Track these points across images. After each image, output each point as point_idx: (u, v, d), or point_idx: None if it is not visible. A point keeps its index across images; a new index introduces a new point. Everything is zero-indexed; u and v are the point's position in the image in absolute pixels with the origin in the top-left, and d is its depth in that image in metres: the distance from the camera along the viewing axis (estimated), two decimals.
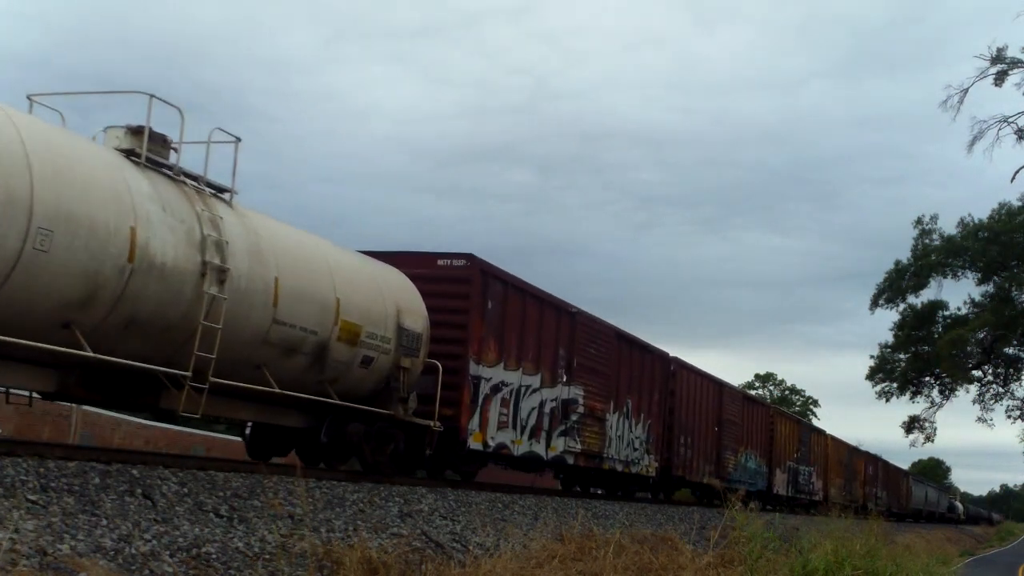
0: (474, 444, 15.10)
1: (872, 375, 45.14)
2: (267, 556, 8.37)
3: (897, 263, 41.29)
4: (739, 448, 29.60)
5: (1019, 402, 42.99)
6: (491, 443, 15.55)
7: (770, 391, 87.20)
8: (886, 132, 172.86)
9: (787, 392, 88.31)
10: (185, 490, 8.96)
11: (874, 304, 42.49)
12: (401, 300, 13.41)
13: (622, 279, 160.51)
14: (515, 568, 9.73)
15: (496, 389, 15.72)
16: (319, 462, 13.14)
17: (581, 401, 18.89)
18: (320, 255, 12.02)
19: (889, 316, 44.00)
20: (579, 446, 18.81)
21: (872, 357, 45.28)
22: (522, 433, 16.64)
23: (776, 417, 34.89)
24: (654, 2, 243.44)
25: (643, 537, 14.45)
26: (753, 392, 63.33)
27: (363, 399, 12.82)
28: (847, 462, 46.69)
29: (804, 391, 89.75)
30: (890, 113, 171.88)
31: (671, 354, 24.91)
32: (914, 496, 69.43)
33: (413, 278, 14.09)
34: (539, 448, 17.29)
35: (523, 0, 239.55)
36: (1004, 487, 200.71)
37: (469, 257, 15.18)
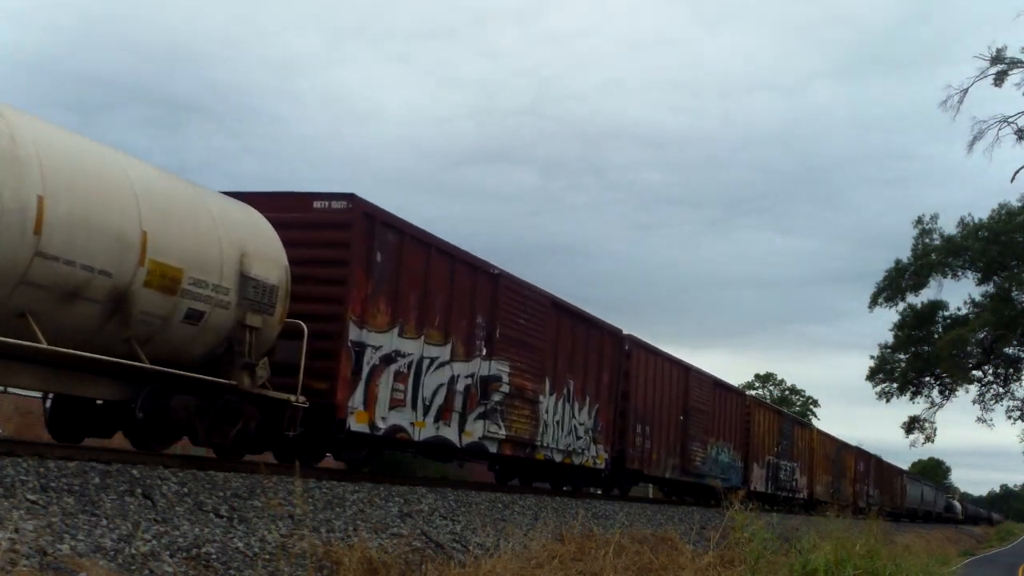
0: (357, 425, 12.50)
1: (872, 375, 45.10)
2: (267, 556, 8.37)
3: (897, 262, 41.27)
4: (709, 440, 26.81)
5: (1019, 402, 42.95)
6: (381, 424, 12.95)
7: (770, 391, 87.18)
8: (891, 133, 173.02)
9: (787, 392, 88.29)
10: (185, 490, 8.96)
11: (873, 303, 42.44)
12: (248, 242, 10.72)
13: (625, 280, 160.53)
14: (515, 568, 9.73)
15: (388, 360, 13.10)
16: (143, 442, 10.99)
17: (506, 379, 16.19)
18: (120, 175, 9.34)
19: (889, 316, 44.04)
20: (504, 431, 16.14)
21: (872, 357, 45.27)
22: (425, 414, 13.99)
23: (753, 407, 32.00)
24: (659, 4, 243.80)
25: (643, 537, 14.45)
26: (753, 392, 62.98)
27: (195, 365, 10.31)
28: (835, 458, 44.23)
29: (804, 391, 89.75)
30: (895, 114, 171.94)
31: (626, 331, 21.87)
32: (909, 495, 67.07)
33: (286, 224, 11.81)
34: (449, 432, 14.66)
35: (528, 1, 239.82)
36: (1004, 487, 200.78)
37: (350, 198, 12.54)
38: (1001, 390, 43.16)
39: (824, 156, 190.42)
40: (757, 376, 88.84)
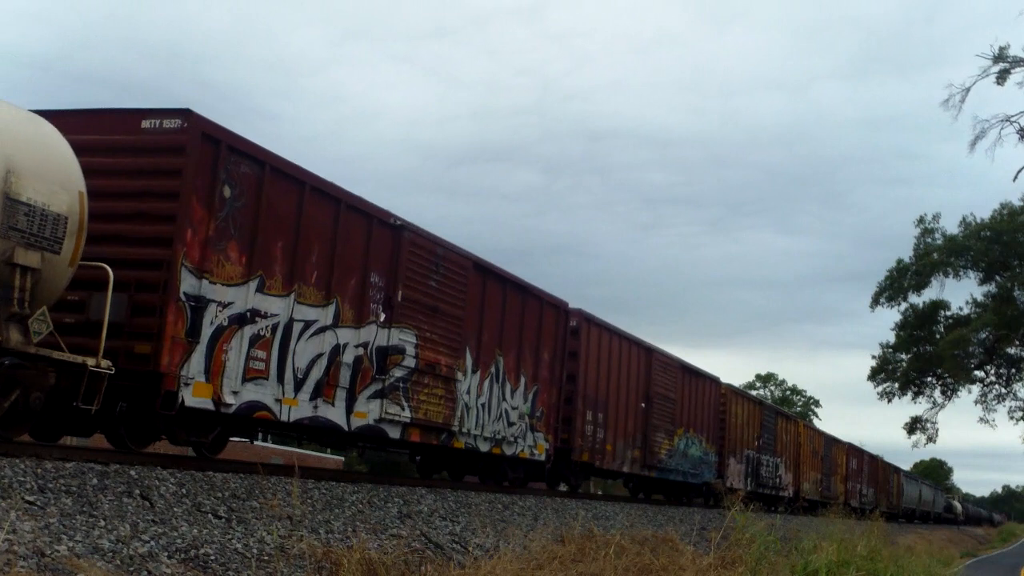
0: (196, 400, 10.06)
1: (874, 375, 45.06)
2: (265, 557, 8.35)
3: (899, 262, 41.23)
4: (676, 430, 24.20)
5: (1022, 402, 42.90)
6: (231, 400, 10.52)
7: (771, 391, 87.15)
8: (896, 133, 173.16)
9: (788, 392, 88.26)
10: (183, 491, 8.93)
11: (874, 302, 42.42)
12: (17, 157, 8.37)
13: (628, 280, 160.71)
14: (515, 569, 9.70)
15: (242, 320, 10.68)
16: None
17: (411, 351, 13.66)
18: None
19: (891, 316, 44.03)
20: (409, 413, 13.64)
21: (874, 357, 45.23)
22: (298, 390, 11.53)
23: (730, 396, 29.19)
24: (663, 3, 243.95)
25: (643, 538, 14.41)
26: (754, 392, 62.71)
27: None
28: (824, 454, 41.59)
29: (805, 391, 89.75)
30: (900, 114, 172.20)
31: (573, 306, 19.08)
32: (906, 494, 64.55)
33: (109, 148, 10.06)
34: (333, 413, 12.19)
35: (532, 1, 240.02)
36: (1006, 488, 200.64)
37: (185, 114, 10.10)
38: (1003, 390, 43.14)
39: (828, 156, 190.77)
40: (758, 376, 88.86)
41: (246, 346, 10.78)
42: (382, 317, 13.10)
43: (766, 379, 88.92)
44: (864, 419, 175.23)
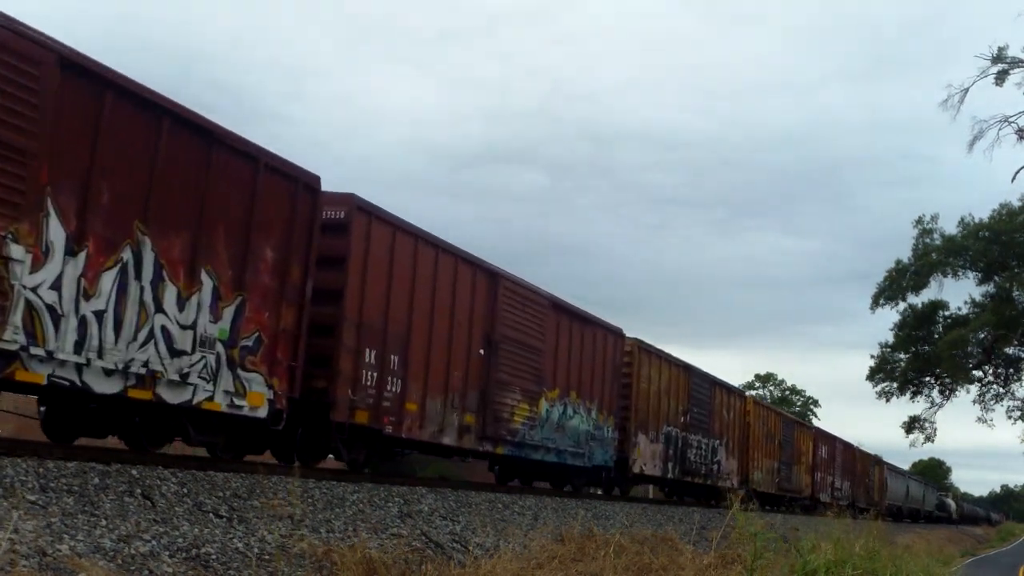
0: None
1: (872, 375, 45.08)
2: (266, 557, 8.37)
3: (898, 262, 41.28)
4: (545, 392, 17.88)
5: (1020, 402, 42.93)
6: None
7: (770, 391, 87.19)
8: (901, 135, 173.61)
9: (787, 392, 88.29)
10: (185, 490, 8.96)
11: (875, 303, 42.44)
12: None
13: (632, 281, 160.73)
14: (515, 569, 9.73)
15: None
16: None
17: None
18: None
19: (891, 316, 44.02)
20: None
21: (873, 357, 45.27)
22: None
23: (639, 354, 22.19)
24: (671, 5, 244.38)
25: (643, 538, 14.45)
26: (752, 393, 62.32)
27: None
28: (783, 438, 34.83)
29: (804, 391, 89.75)
30: (906, 116, 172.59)
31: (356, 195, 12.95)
32: (891, 490, 58.06)
33: None
34: None
35: (540, 3, 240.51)
36: (1005, 487, 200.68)
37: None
38: (1001, 390, 43.18)
39: (834, 157, 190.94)
40: (757, 376, 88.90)
41: None
42: None
43: (765, 379, 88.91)
44: (863, 419, 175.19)
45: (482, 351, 15.86)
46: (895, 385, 44.27)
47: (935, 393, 44.35)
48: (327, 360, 12.38)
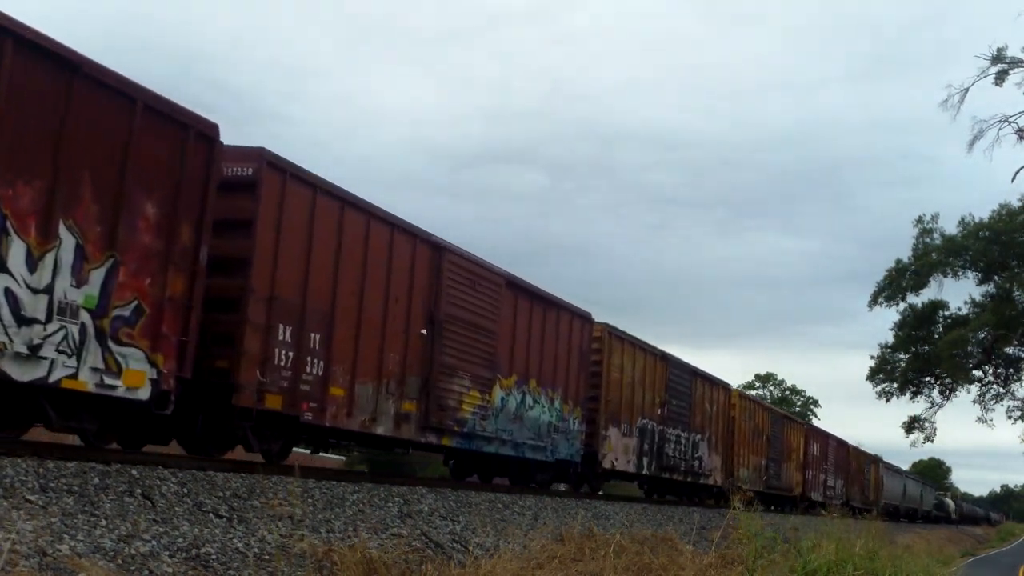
0: None
1: (872, 375, 45.09)
2: (266, 557, 8.37)
3: (898, 262, 41.28)
4: (500, 379, 16.42)
5: (1020, 402, 42.94)
6: None
7: (770, 391, 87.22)
8: (902, 135, 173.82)
9: (787, 392, 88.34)
10: (184, 490, 8.96)
11: (873, 302, 42.44)
12: None
13: (633, 281, 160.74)
14: (515, 569, 9.73)
15: None
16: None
17: None
18: None
19: (891, 316, 44.03)
20: None
21: (873, 357, 45.28)
22: None
23: (610, 341, 20.85)
24: (671, 5, 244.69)
25: (643, 538, 14.45)
26: (752, 393, 62.18)
27: None
28: (772, 434, 33.26)
29: (804, 391, 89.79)
30: (907, 116, 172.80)
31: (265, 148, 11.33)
32: (887, 488, 56.65)
33: None
34: None
35: (540, 3, 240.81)
36: (1005, 487, 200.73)
37: None
38: (1001, 390, 43.18)
39: (835, 158, 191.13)
40: (757, 376, 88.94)
41: None
42: None
43: (765, 379, 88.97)
44: (863, 419, 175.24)
45: (424, 332, 14.32)
46: (895, 385, 44.27)
47: (935, 393, 44.37)
48: (230, 338, 10.89)
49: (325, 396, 12.18)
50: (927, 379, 44.04)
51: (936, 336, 41.86)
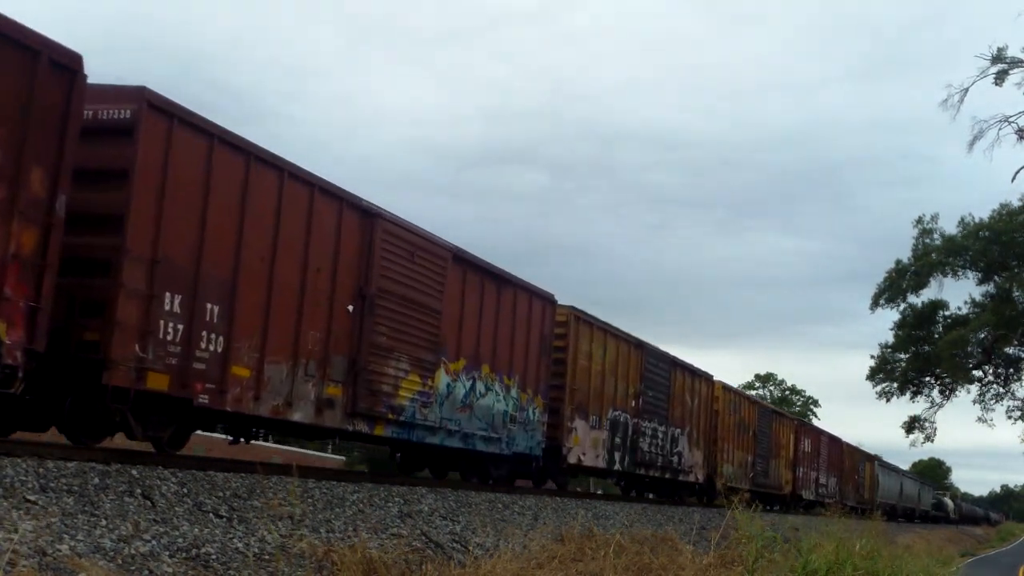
0: None
1: (872, 375, 45.08)
2: (266, 557, 8.37)
3: (898, 262, 41.28)
4: (440, 362, 14.59)
5: (1020, 402, 42.93)
6: None
7: (770, 391, 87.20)
8: (903, 135, 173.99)
9: (787, 392, 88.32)
10: (184, 490, 8.96)
11: (875, 304, 42.45)
12: None
13: (633, 281, 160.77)
14: (515, 569, 9.73)
15: None
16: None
17: None
18: None
19: (891, 316, 43.99)
20: None
21: (873, 357, 45.28)
22: None
23: (576, 325, 19.01)
24: (671, 5, 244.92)
25: (643, 538, 14.46)
26: (752, 393, 62.18)
27: None
28: (759, 429, 31.44)
29: (804, 391, 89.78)
30: (908, 116, 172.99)
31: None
32: (883, 488, 55.56)
33: None
34: None
35: (541, 3, 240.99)
36: (1005, 487, 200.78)
37: None
38: (1001, 390, 43.17)
39: (835, 158, 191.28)
40: (757, 376, 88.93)
41: None
42: None
43: (765, 379, 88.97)
44: (863, 419, 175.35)
45: (350, 307, 12.65)
46: (895, 385, 44.26)
47: (935, 393, 44.35)
48: (102, 306, 9.31)
49: (225, 376, 10.52)
50: (927, 379, 44.03)
51: (936, 336, 41.85)
